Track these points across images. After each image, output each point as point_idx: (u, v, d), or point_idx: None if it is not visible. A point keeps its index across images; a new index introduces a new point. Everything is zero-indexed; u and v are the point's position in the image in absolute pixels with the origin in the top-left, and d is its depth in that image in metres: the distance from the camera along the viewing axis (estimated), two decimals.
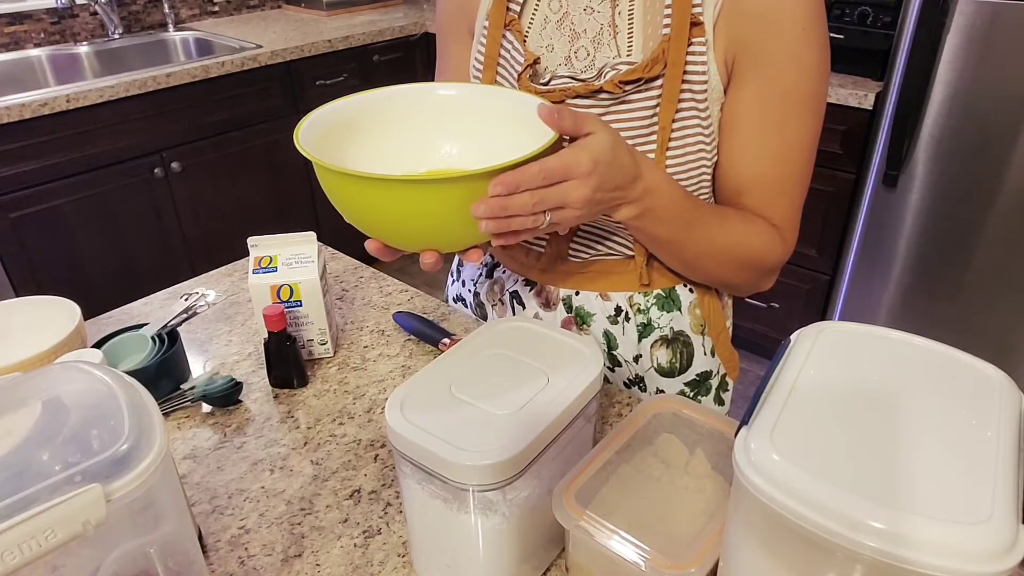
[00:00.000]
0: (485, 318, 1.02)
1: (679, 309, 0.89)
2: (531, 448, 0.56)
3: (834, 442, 0.46)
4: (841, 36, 1.92)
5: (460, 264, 1.05)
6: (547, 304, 0.92)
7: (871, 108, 1.87)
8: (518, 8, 0.82)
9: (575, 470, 0.63)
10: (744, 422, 0.49)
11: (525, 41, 0.81)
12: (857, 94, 1.87)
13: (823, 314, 2.21)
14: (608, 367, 0.93)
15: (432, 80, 0.98)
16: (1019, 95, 1.68)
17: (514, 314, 0.95)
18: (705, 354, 0.92)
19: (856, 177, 1.99)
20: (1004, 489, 0.42)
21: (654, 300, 0.89)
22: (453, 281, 1.08)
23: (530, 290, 0.93)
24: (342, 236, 1.49)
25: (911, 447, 0.46)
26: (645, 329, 0.89)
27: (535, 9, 0.81)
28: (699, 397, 0.94)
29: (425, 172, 0.74)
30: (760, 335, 2.39)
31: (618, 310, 0.89)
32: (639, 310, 0.89)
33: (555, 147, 0.62)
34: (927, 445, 0.46)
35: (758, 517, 0.48)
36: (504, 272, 0.96)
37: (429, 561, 0.65)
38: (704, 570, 0.54)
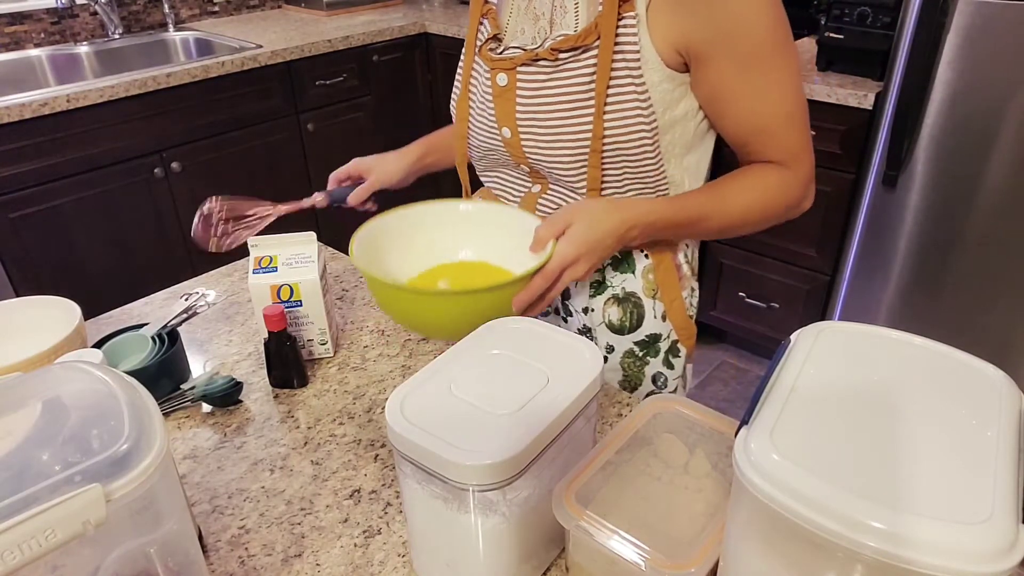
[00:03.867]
0: None
1: (632, 272, 0.95)
2: (531, 448, 0.56)
3: (834, 442, 0.46)
4: (841, 36, 1.92)
5: None
6: None
7: (871, 108, 1.87)
8: (496, 1, 0.92)
9: (575, 470, 0.63)
10: (744, 422, 0.49)
11: (507, 24, 0.90)
12: (857, 94, 1.87)
13: (823, 314, 2.21)
14: (561, 317, 1.01)
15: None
16: (1019, 95, 1.68)
17: None
18: (655, 317, 0.97)
19: (856, 177, 1.99)
20: (1004, 489, 0.42)
21: (609, 260, 0.94)
22: None
23: None
24: (342, 236, 1.49)
25: (911, 447, 0.46)
26: (599, 287, 0.96)
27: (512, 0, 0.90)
28: (648, 357, 0.99)
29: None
30: (760, 335, 2.39)
31: None
32: None
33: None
34: (927, 445, 0.46)
35: (758, 517, 0.48)
36: None
37: (429, 561, 0.65)
38: (704, 570, 0.54)
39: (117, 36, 2.54)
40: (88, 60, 2.48)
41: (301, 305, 0.92)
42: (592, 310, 0.97)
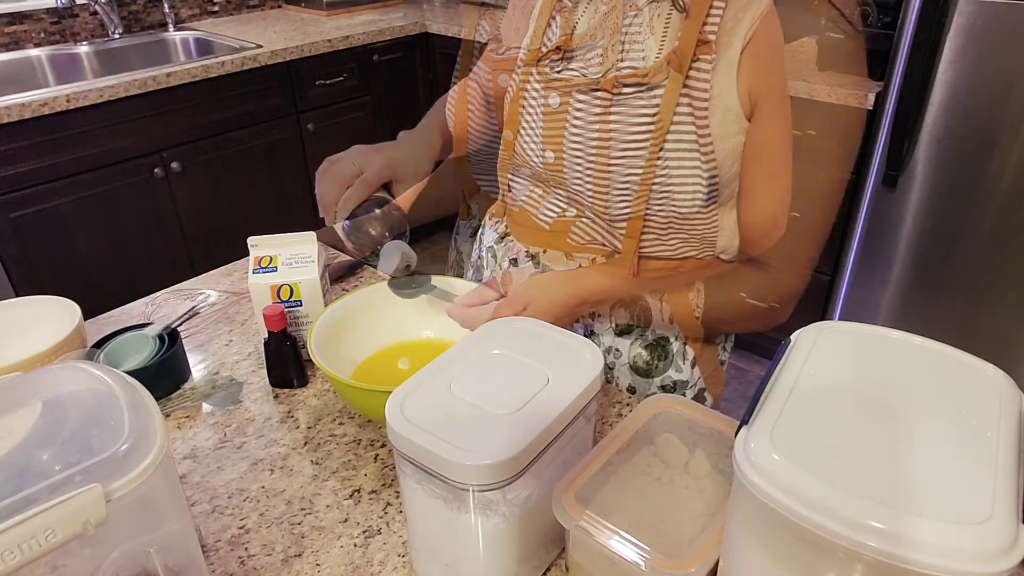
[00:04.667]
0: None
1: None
2: (531, 448, 0.56)
3: (834, 442, 0.46)
4: (841, 36, 1.92)
5: (457, 231, 1.12)
6: (515, 261, 0.98)
7: (871, 108, 1.87)
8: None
9: (575, 470, 0.63)
10: (744, 422, 0.49)
11: (574, 29, 0.84)
12: (857, 94, 1.87)
13: (823, 314, 2.21)
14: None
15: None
16: (1019, 95, 1.68)
17: (485, 267, 1.03)
18: (663, 320, 0.95)
19: (856, 177, 1.98)
20: (1004, 489, 0.42)
21: None
22: (451, 248, 1.14)
23: (503, 245, 0.99)
24: None
25: (911, 447, 0.46)
26: None
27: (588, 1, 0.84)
28: (658, 362, 0.97)
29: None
30: (760, 335, 2.39)
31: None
32: None
33: None
34: (927, 445, 0.46)
35: (758, 517, 0.48)
36: (484, 231, 1.02)
37: (429, 561, 0.65)
38: (704, 570, 0.54)
39: (117, 36, 2.54)
40: (88, 60, 2.48)
41: (301, 305, 0.92)
42: (599, 315, 0.95)
